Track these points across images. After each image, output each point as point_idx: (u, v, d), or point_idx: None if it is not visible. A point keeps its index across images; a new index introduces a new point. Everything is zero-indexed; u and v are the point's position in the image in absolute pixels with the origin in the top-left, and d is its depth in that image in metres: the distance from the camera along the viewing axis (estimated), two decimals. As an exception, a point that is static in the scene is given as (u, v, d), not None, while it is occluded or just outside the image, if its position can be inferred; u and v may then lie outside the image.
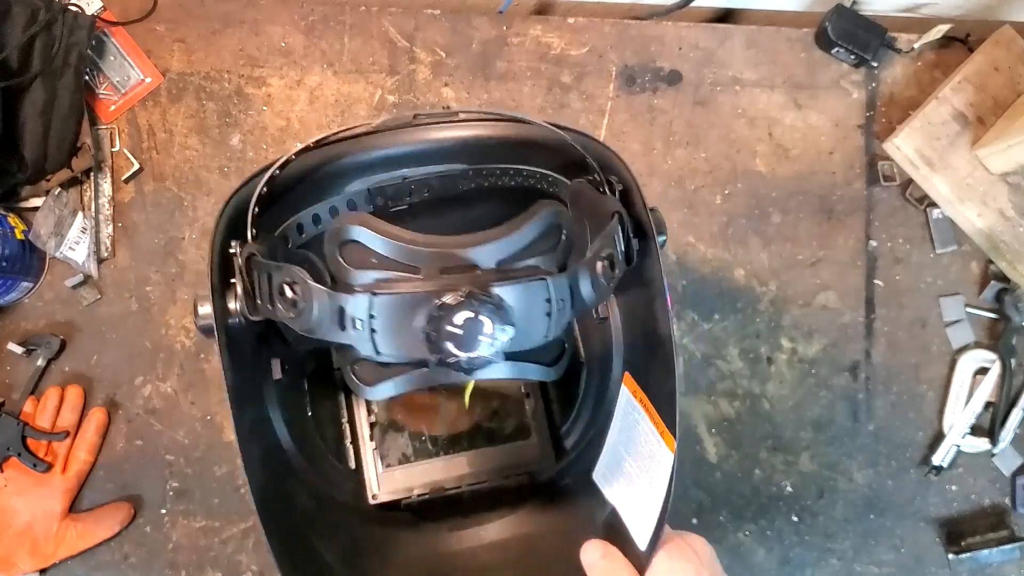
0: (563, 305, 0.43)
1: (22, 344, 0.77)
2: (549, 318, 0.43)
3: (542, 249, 0.45)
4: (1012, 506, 0.76)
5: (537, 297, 0.43)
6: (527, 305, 0.42)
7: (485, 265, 0.44)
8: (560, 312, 0.43)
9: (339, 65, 0.80)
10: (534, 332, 0.43)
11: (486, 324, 0.41)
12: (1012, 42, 0.77)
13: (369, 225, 0.45)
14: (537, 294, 0.42)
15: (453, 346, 0.41)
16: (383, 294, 0.43)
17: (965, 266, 0.78)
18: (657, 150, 0.79)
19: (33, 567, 0.74)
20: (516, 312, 0.42)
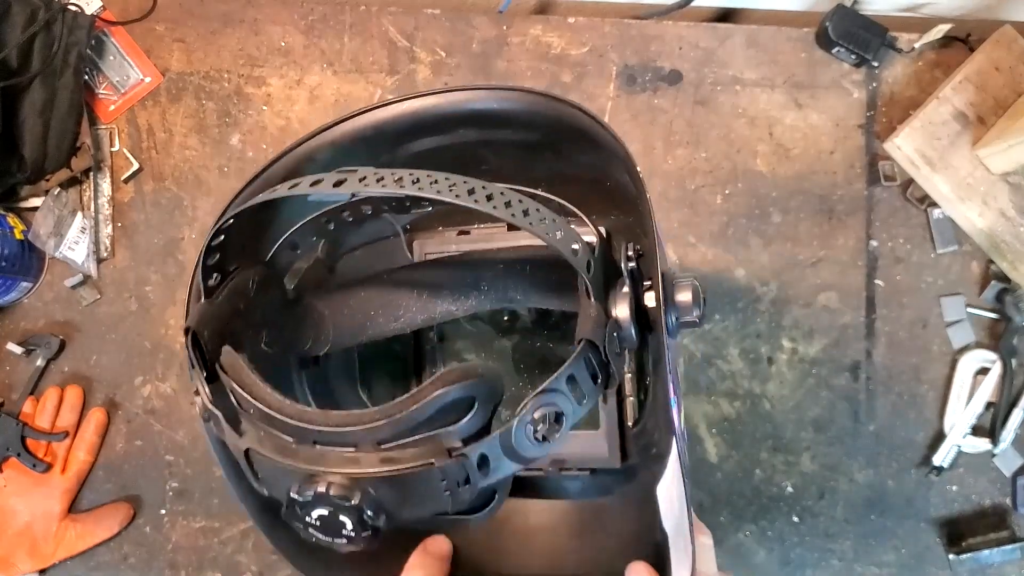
0: (470, 479, 0.36)
1: (21, 344, 0.78)
2: (451, 495, 0.36)
3: (447, 420, 0.36)
4: (1013, 506, 0.76)
5: (425, 481, 0.35)
6: (411, 491, 0.36)
7: (363, 445, 0.36)
8: (467, 486, 0.36)
9: (339, 65, 0.80)
10: (428, 507, 0.36)
11: (347, 523, 0.35)
12: (1013, 42, 0.76)
13: (239, 381, 0.39)
14: (424, 479, 0.35)
15: (315, 532, 0.36)
16: (255, 452, 0.37)
17: (966, 266, 0.78)
18: (657, 150, 0.79)
19: (32, 567, 0.74)
20: (395, 499, 0.35)
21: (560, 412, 0.36)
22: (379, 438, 0.36)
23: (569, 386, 0.37)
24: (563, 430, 0.37)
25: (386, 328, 0.55)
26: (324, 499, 0.34)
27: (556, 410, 0.36)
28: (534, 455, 0.37)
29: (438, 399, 0.36)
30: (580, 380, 0.37)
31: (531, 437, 0.36)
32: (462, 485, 0.36)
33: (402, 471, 0.35)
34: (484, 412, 0.37)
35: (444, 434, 0.36)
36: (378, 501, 0.35)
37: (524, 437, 0.36)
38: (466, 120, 0.49)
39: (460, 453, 0.35)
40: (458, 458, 0.35)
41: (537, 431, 0.36)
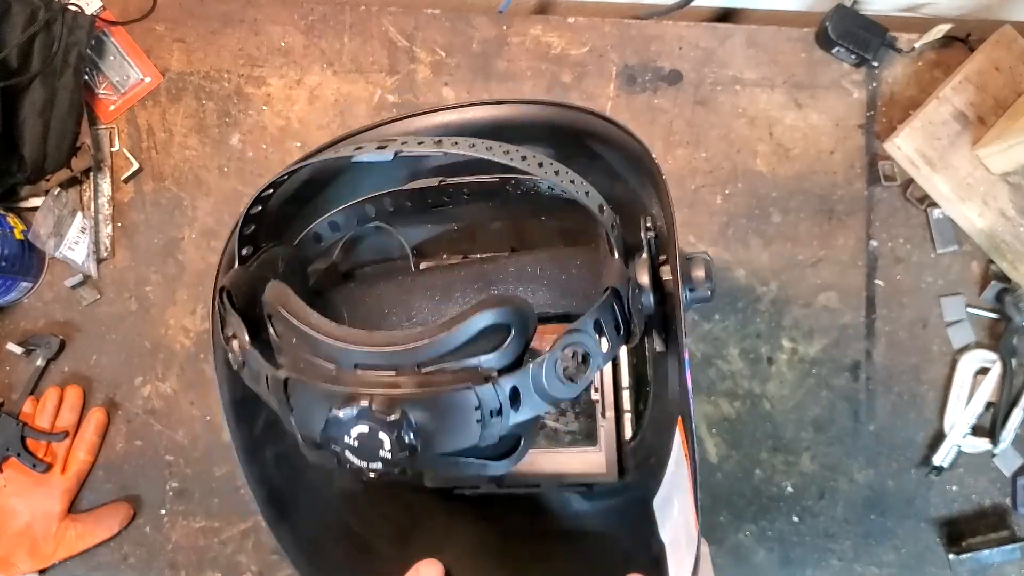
0: (503, 410, 0.37)
1: (21, 344, 0.78)
2: (481, 425, 0.37)
3: (483, 348, 0.38)
4: (1013, 506, 0.76)
5: (460, 407, 0.37)
6: (447, 416, 0.37)
7: (405, 366, 0.37)
8: (499, 418, 0.37)
9: (339, 65, 0.80)
10: (460, 439, 0.38)
11: (385, 442, 0.36)
12: (1013, 42, 0.76)
13: (286, 306, 0.40)
14: (460, 404, 0.37)
15: (351, 455, 0.37)
16: (295, 380, 0.39)
17: (966, 266, 0.78)
18: (657, 150, 0.79)
19: (32, 567, 0.74)
20: (431, 425, 0.37)
21: (587, 352, 0.38)
22: (419, 359, 0.37)
23: (595, 329, 0.39)
24: (589, 372, 0.38)
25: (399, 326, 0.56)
26: (365, 415, 0.35)
27: (583, 350, 0.38)
28: (562, 395, 0.38)
29: (475, 321, 0.37)
30: (605, 325, 0.39)
31: (560, 375, 0.38)
32: (494, 416, 0.37)
33: (439, 391, 0.37)
34: (518, 344, 0.39)
35: (482, 361, 0.38)
36: (415, 422, 0.36)
37: (554, 374, 0.38)
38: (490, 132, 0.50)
39: (495, 381, 0.37)
40: (492, 383, 0.37)
41: (566, 370, 0.38)
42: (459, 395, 0.37)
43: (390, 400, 0.36)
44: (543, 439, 0.63)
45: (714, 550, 0.77)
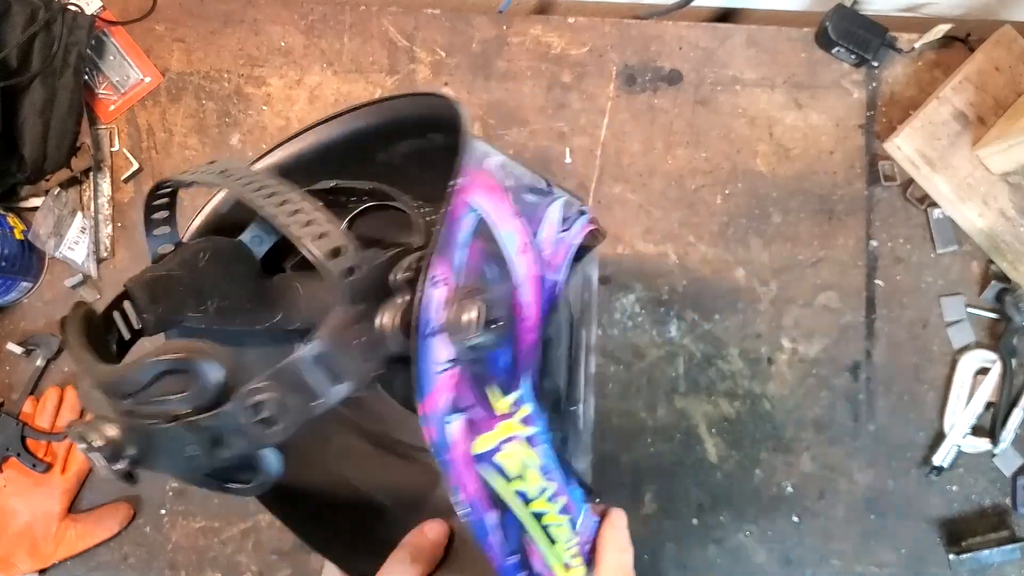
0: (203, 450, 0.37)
1: (21, 344, 0.77)
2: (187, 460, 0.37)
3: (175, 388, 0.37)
4: (1013, 506, 0.76)
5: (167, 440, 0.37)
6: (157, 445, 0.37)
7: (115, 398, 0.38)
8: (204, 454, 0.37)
9: (339, 65, 0.80)
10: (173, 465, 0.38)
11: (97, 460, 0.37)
12: (1013, 42, 0.76)
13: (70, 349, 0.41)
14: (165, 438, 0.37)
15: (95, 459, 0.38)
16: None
17: (966, 266, 0.78)
18: (657, 150, 0.79)
19: (32, 567, 0.74)
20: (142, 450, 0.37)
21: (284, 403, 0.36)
22: (120, 392, 0.38)
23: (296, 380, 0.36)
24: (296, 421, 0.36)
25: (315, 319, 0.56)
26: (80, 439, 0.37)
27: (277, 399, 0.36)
28: (267, 441, 0.36)
29: (151, 366, 0.37)
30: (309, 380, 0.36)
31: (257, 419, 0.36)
32: (198, 451, 0.37)
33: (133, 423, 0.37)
34: (205, 390, 0.37)
35: (172, 401, 0.37)
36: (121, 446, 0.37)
37: (249, 418, 0.36)
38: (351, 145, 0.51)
39: (187, 421, 0.36)
40: (185, 424, 0.36)
41: (261, 413, 0.36)
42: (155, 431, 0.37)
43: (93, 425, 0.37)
44: None
45: (714, 550, 0.77)
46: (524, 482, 0.39)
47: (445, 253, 0.37)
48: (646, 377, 0.78)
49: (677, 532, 0.77)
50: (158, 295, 0.46)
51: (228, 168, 0.42)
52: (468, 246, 0.38)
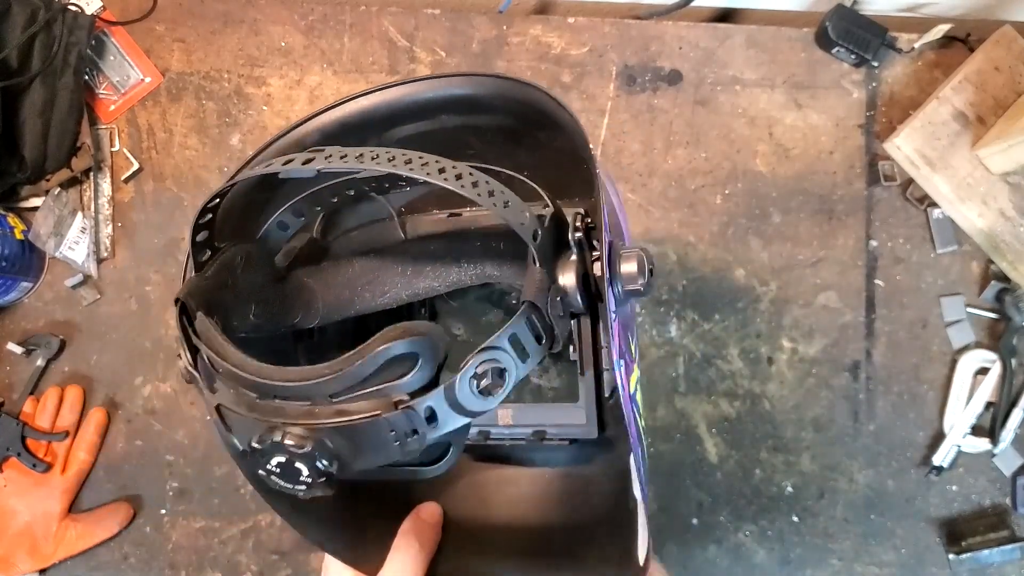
0: (418, 431, 0.38)
1: (22, 344, 0.78)
2: (400, 445, 0.38)
3: (394, 375, 0.39)
4: (1012, 506, 0.76)
5: (374, 433, 0.38)
6: (362, 442, 0.38)
7: (318, 396, 0.39)
8: (415, 437, 0.38)
9: (339, 65, 0.80)
10: (379, 458, 0.39)
11: (302, 470, 0.37)
12: (1013, 42, 0.77)
13: (208, 343, 0.42)
14: (373, 431, 0.38)
15: (277, 479, 0.39)
16: (224, 407, 0.41)
17: (966, 266, 0.78)
18: (657, 150, 0.79)
19: (33, 567, 0.75)
20: (347, 450, 0.38)
21: (503, 368, 0.39)
22: (330, 391, 0.38)
23: (512, 345, 0.39)
24: (507, 386, 0.39)
25: (372, 303, 0.57)
26: (280, 447, 0.37)
27: (499, 366, 0.39)
28: (479, 408, 0.39)
29: (381, 354, 0.38)
30: (523, 339, 0.40)
31: (475, 391, 0.38)
32: (410, 436, 0.38)
33: (352, 422, 0.38)
34: (428, 368, 0.39)
35: (391, 388, 0.38)
36: (331, 450, 0.37)
37: (468, 391, 0.38)
38: (445, 107, 0.51)
39: (407, 405, 0.38)
40: (405, 409, 0.38)
41: (480, 385, 0.38)
42: (370, 423, 0.38)
43: (305, 431, 0.37)
44: (528, 395, 0.64)
45: (714, 550, 0.77)
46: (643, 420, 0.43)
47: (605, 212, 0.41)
48: (646, 377, 0.78)
49: (677, 532, 0.77)
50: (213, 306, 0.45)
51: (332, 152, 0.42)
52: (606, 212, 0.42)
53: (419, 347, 0.39)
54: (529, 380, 0.64)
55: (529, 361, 0.40)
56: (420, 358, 0.39)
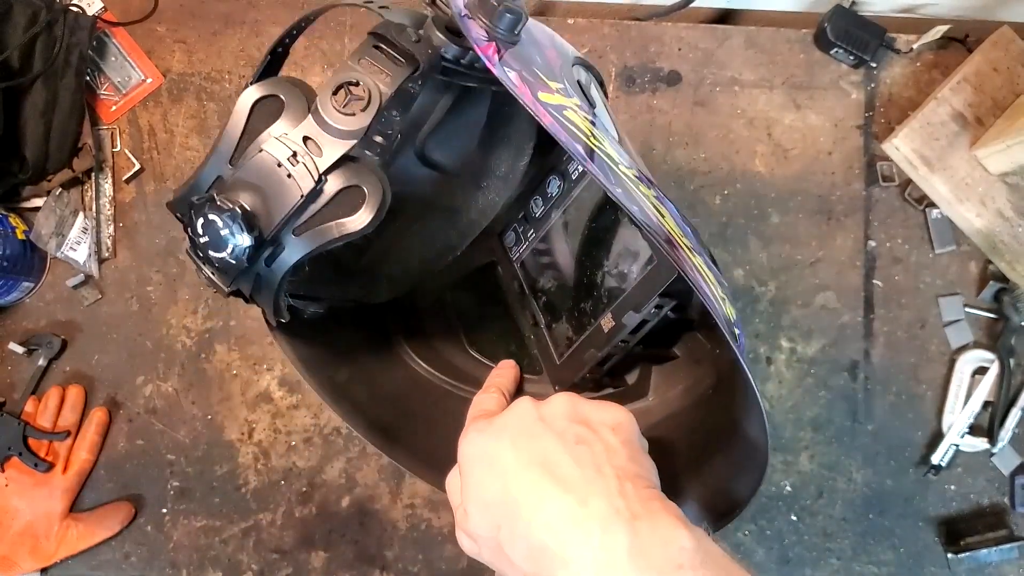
0: (297, 154, 0.42)
1: (23, 344, 0.78)
2: (292, 178, 0.42)
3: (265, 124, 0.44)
4: (1011, 506, 0.77)
5: (263, 170, 0.42)
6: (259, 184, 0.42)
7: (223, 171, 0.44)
8: (301, 165, 0.42)
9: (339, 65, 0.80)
10: (286, 196, 0.42)
11: (216, 221, 0.42)
12: (1011, 43, 0.77)
13: None
14: (261, 167, 0.42)
15: (212, 252, 0.43)
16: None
17: (964, 266, 0.78)
18: (657, 150, 0.79)
19: (34, 566, 0.75)
20: (255, 199, 0.42)
21: (354, 81, 0.42)
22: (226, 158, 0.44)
23: (361, 66, 0.43)
24: (372, 100, 0.42)
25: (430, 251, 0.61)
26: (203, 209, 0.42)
27: (349, 80, 0.42)
28: (353, 125, 0.42)
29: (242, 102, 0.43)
30: (374, 59, 0.44)
31: (341, 109, 0.42)
32: (296, 163, 0.42)
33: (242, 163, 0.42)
34: (295, 108, 0.43)
35: (266, 132, 0.43)
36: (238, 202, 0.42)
37: (334, 111, 0.42)
38: None
39: (279, 135, 0.42)
40: (279, 140, 0.42)
41: (345, 105, 0.42)
42: (255, 160, 0.42)
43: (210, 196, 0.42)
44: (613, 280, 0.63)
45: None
46: (601, 144, 0.43)
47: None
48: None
49: (676, 531, 0.77)
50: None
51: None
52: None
53: (277, 89, 0.44)
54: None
55: (392, 79, 0.43)
56: (283, 97, 0.43)
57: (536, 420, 0.43)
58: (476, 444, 0.44)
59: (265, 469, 0.78)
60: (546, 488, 0.39)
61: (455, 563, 0.77)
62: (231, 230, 0.42)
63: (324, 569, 0.77)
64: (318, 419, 0.78)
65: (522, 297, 0.65)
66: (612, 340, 0.56)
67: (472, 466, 0.43)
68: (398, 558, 0.77)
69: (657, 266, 0.53)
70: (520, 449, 0.41)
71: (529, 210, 0.63)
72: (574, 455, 0.40)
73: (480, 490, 0.42)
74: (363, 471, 0.78)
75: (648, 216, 0.42)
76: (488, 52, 0.40)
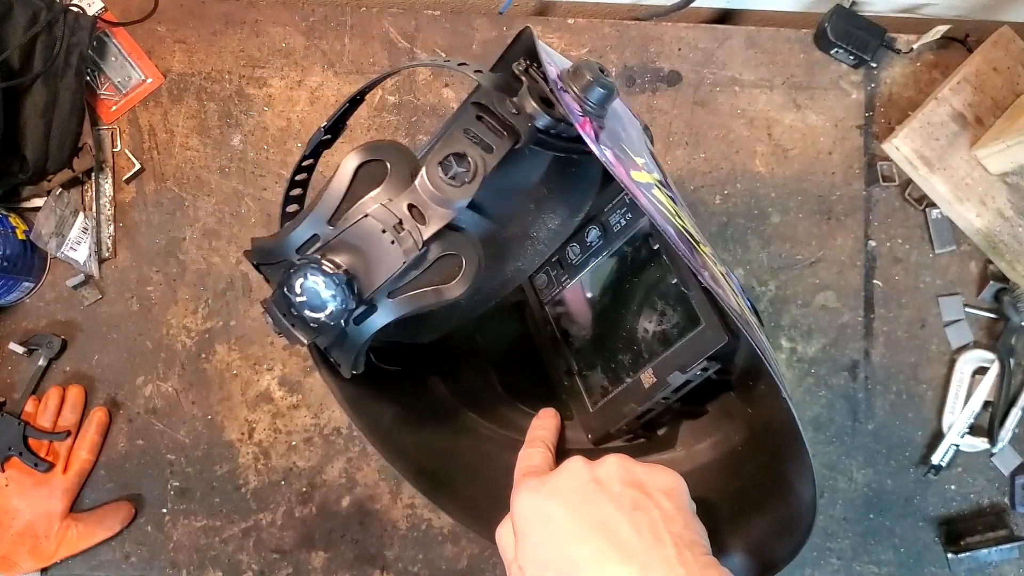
0: (403, 223, 0.43)
1: (23, 344, 0.78)
2: (396, 244, 0.43)
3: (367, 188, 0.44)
4: (1011, 505, 0.77)
5: (367, 234, 0.43)
6: (362, 247, 0.43)
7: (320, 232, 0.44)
8: (406, 232, 0.43)
9: (340, 66, 0.80)
10: (387, 262, 0.43)
11: (320, 285, 0.42)
12: (1011, 43, 0.77)
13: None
14: (365, 232, 0.43)
15: (308, 312, 0.43)
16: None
17: (964, 266, 0.78)
18: (657, 151, 0.79)
19: (34, 566, 0.75)
20: (356, 260, 0.43)
21: (462, 153, 0.42)
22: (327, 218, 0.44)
23: (467, 136, 0.43)
24: (476, 173, 0.42)
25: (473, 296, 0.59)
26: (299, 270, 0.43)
27: (456, 151, 0.42)
28: (456, 196, 0.42)
29: (345, 166, 0.44)
30: (478, 131, 0.43)
31: (445, 180, 0.42)
32: (400, 230, 0.43)
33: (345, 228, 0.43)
34: (400, 173, 0.44)
35: (370, 197, 0.44)
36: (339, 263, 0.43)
37: (440, 180, 0.42)
38: None
39: (385, 202, 0.43)
40: (384, 206, 0.43)
41: (451, 175, 0.42)
42: (360, 224, 0.43)
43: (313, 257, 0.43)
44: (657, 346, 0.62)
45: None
46: (683, 221, 0.44)
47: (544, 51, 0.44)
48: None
49: (676, 531, 0.77)
50: None
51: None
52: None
53: (382, 153, 0.44)
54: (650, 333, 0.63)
55: (495, 152, 0.43)
56: (388, 164, 0.44)
57: (590, 482, 0.43)
58: (531, 503, 0.44)
59: (265, 469, 0.78)
60: (607, 554, 0.39)
61: (455, 563, 0.77)
62: (334, 293, 0.43)
63: (324, 569, 0.77)
64: (318, 419, 0.78)
65: (554, 342, 0.65)
66: (653, 396, 0.57)
67: (528, 525, 0.43)
68: (398, 558, 0.77)
69: (705, 328, 0.54)
70: (577, 512, 0.41)
71: (565, 256, 0.63)
72: (632, 521, 0.40)
73: (537, 551, 0.42)
74: (363, 471, 0.78)
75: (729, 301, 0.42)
76: (586, 128, 0.41)
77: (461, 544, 0.77)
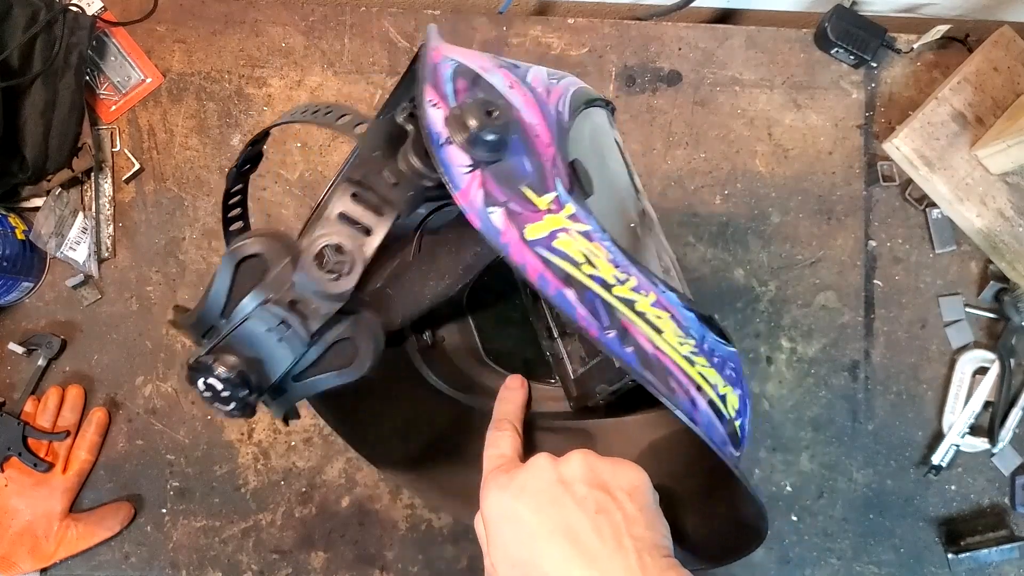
0: (288, 321, 0.41)
1: (23, 344, 0.78)
2: (285, 342, 0.42)
3: (251, 283, 0.42)
4: (1011, 506, 0.77)
5: (253, 336, 0.42)
6: (251, 348, 0.42)
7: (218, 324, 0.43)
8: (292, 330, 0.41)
9: (339, 65, 0.80)
10: (279, 359, 0.42)
11: (217, 386, 0.41)
12: (1011, 42, 0.77)
13: None
14: (251, 334, 0.42)
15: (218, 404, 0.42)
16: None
17: (964, 266, 0.78)
18: (657, 150, 0.79)
19: (33, 566, 0.75)
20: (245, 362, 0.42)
21: (338, 244, 0.40)
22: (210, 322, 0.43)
23: (342, 221, 0.40)
24: (355, 262, 0.40)
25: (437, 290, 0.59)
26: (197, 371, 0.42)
27: (333, 242, 0.40)
28: (337, 290, 0.40)
29: (222, 268, 0.42)
30: (352, 215, 0.40)
31: (324, 271, 0.40)
32: (288, 328, 0.41)
33: (230, 331, 0.42)
34: (280, 268, 0.42)
35: (249, 298, 0.42)
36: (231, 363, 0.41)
37: (320, 275, 0.40)
38: None
39: (265, 300, 0.41)
40: (265, 307, 0.41)
41: (327, 266, 0.40)
42: (244, 328, 0.41)
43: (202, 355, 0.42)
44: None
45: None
46: (595, 268, 0.42)
47: (431, 81, 0.41)
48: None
49: (676, 531, 0.77)
50: None
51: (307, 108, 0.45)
52: (453, 82, 0.42)
53: (259, 247, 0.42)
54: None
55: (374, 234, 0.40)
56: (267, 259, 0.42)
57: (556, 482, 0.44)
58: (499, 502, 0.45)
59: (265, 469, 0.78)
60: (571, 559, 0.41)
61: (455, 563, 0.77)
62: (231, 392, 0.42)
63: (324, 569, 0.77)
64: (318, 419, 0.78)
65: (535, 305, 0.65)
66: (624, 377, 0.57)
67: (497, 524, 0.45)
68: (398, 558, 0.77)
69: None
70: (543, 513, 0.43)
71: None
72: (595, 526, 0.42)
73: (507, 549, 0.44)
74: (363, 471, 0.78)
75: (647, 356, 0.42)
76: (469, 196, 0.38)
77: (461, 544, 0.77)
